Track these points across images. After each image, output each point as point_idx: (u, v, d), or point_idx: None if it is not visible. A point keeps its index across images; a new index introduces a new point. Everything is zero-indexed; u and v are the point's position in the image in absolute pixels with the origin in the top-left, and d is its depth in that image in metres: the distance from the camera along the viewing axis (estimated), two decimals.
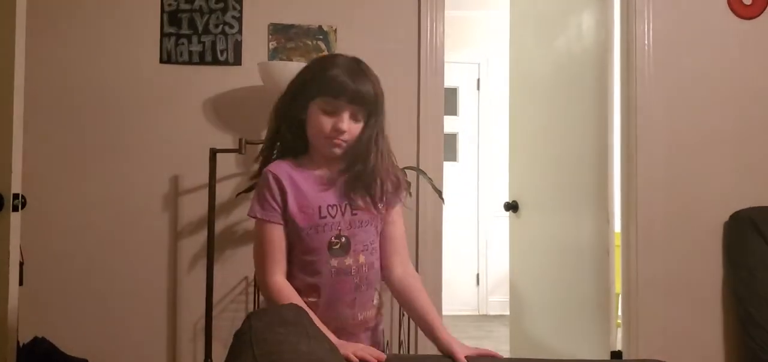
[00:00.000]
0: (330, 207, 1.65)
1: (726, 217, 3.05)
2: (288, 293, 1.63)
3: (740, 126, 3.09)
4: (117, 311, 2.90)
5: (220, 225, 2.92)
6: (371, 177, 1.65)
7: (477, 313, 5.95)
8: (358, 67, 1.64)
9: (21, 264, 2.35)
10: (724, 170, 3.07)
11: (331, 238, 1.65)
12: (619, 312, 3.19)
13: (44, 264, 2.85)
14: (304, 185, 1.65)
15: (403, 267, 1.73)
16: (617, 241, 3.12)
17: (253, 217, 1.69)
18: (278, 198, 1.64)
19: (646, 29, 3.06)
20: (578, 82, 3.26)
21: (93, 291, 2.89)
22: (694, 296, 3.05)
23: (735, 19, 3.11)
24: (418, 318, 1.70)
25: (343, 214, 1.66)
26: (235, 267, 2.95)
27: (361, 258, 1.68)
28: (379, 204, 1.68)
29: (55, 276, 2.88)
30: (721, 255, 3.06)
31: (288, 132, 1.67)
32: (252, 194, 2.86)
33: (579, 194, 3.23)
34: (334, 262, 1.65)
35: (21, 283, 2.35)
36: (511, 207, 3.70)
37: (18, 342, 2.49)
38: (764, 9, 3.11)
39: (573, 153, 3.28)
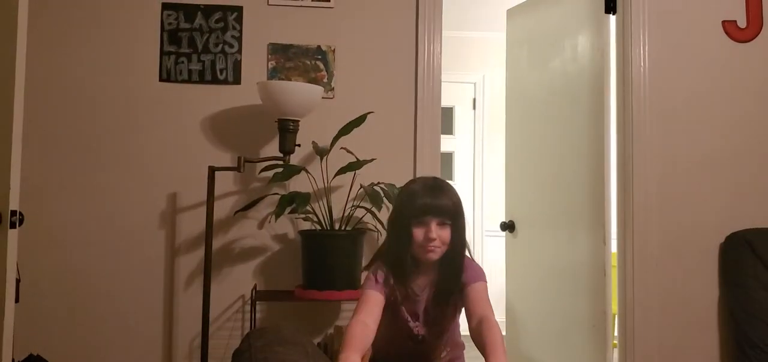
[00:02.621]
0: (413, 315, 1.99)
1: (722, 238, 3.06)
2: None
3: (736, 148, 3.11)
4: (113, 328, 2.89)
5: (217, 243, 2.92)
6: (458, 273, 1.93)
7: None
8: (435, 184, 1.95)
9: (17, 281, 2.34)
10: (720, 191, 3.09)
11: (409, 334, 2.00)
12: (616, 333, 3.19)
13: (40, 281, 2.85)
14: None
15: (477, 322, 1.85)
16: (613, 261, 3.13)
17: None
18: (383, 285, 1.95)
19: (641, 52, 3.08)
20: (574, 103, 3.28)
21: (89, 308, 2.88)
22: (690, 316, 3.05)
23: (730, 42, 3.14)
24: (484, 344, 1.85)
25: (422, 320, 2.00)
26: (232, 286, 2.94)
27: (428, 346, 2.03)
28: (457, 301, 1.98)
29: (52, 294, 2.87)
30: (716, 275, 3.07)
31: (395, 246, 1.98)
32: (250, 212, 2.88)
33: (575, 214, 3.25)
34: (409, 344, 2.02)
35: (17, 300, 2.34)
36: (508, 226, 3.71)
37: (13, 360, 2.47)
38: (759, 32, 3.15)
39: (569, 173, 3.29)
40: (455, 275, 1.93)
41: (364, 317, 1.83)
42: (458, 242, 1.93)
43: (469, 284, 1.93)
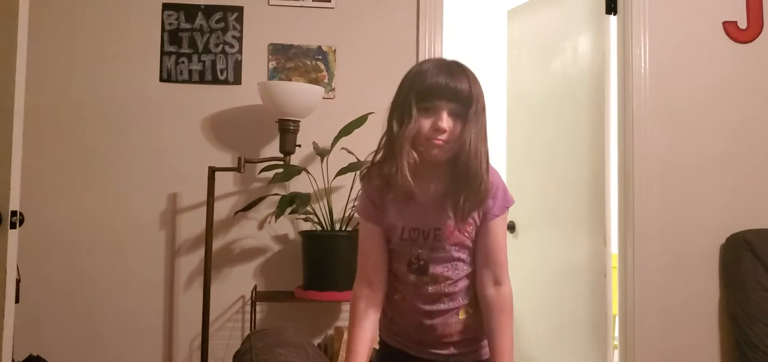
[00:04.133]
0: (412, 231, 1.60)
1: (722, 239, 3.06)
2: (354, 311, 1.62)
3: (736, 149, 3.11)
4: (113, 328, 2.89)
5: (217, 243, 2.91)
6: (474, 183, 1.53)
7: None
8: (452, 63, 1.55)
9: (17, 281, 2.34)
10: (720, 192, 3.09)
11: (410, 259, 1.62)
12: (616, 334, 3.19)
13: (41, 282, 2.84)
14: (391, 206, 1.61)
15: (495, 288, 1.63)
16: (614, 263, 3.13)
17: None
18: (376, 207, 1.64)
19: (642, 53, 3.08)
20: (575, 104, 3.28)
21: (89, 308, 2.88)
22: (691, 317, 3.05)
23: (731, 43, 3.14)
24: (490, 348, 1.64)
25: (425, 238, 1.60)
26: (232, 286, 2.94)
27: (440, 277, 1.61)
28: (475, 217, 1.60)
29: (52, 294, 2.86)
30: (717, 276, 3.07)
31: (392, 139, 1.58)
32: (250, 212, 2.88)
33: (576, 216, 3.24)
34: (411, 278, 1.62)
35: (17, 301, 2.34)
36: (508, 227, 3.70)
37: (13, 360, 2.47)
38: (759, 33, 3.15)
39: (570, 174, 3.29)
40: (473, 182, 1.52)
41: (368, 273, 1.61)
42: (475, 139, 1.50)
43: (489, 218, 1.59)
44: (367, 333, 1.60)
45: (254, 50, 3.00)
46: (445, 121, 1.48)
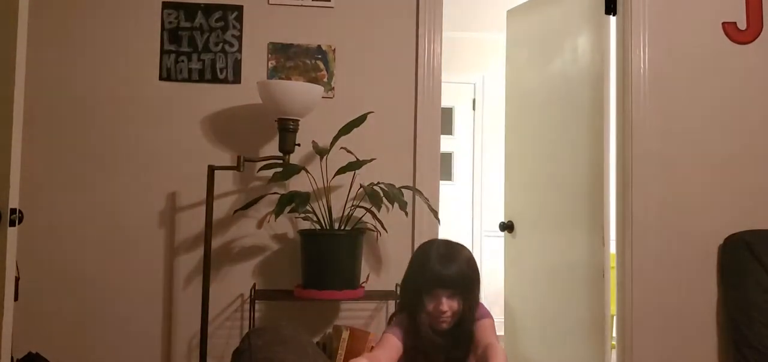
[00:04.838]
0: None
1: (721, 240, 3.06)
2: None
3: (735, 149, 3.11)
4: (112, 327, 2.89)
5: (216, 242, 2.92)
6: (467, 338, 1.90)
7: None
8: (447, 252, 1.90)
9: (16, 279, 2.34)
10: (719, 193, 3.09)
11: None
12: (614, 334, 3.19)
13: (40, 279, 2.85)
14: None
15: (483, 348, 1.85)
16: (612, 263, 3.14)
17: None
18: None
19: (641, 53, 3.09)
20: (574, 104, 3.28)
21: (88, 306, 2.88)
22: (689, 318, 3.05)
23: (730, 43, 3.14)
24: None
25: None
26: (231, 285, 2.94)
27: None
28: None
29: (51, 292, 2.86)
30: (715, 277, 3.08)
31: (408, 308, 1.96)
32: (250, 211, 2.88)
33: (574, 215, 3.25)
34: None
35: (16, 298, 2.34)
36: (507, 227, 3.71)
37: (12, 358, 2.47)
38: (759, 34, 3.15)
39: (569, 174, 3.30)
40: (465, 342, 1.91)
41: (378, 353, 1.84)
42: (468, 313, 1.89)
43: (476, 321, 1.92)
44: None
45: (254, 49, 3.00)
46: (445, 305, 1.85)
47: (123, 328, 2.90)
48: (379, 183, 2.76)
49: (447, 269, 1.87)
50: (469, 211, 6.00)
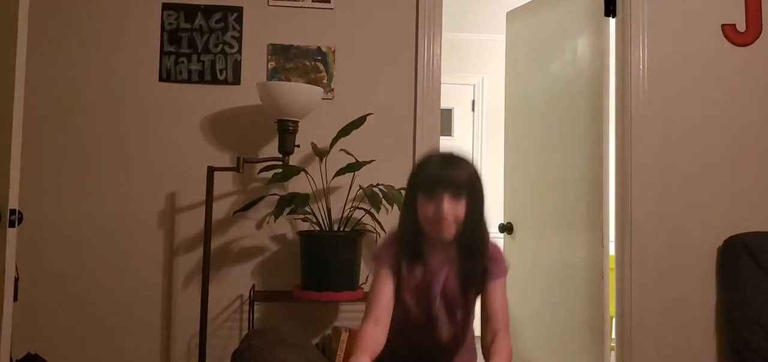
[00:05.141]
0: (420, 294, 1.82)
1: (720, 242, 3.07)
2: (360, 342, 1.73)
3: (734, 151, 3.11)
4: (111, 327, 2.89)
5: (216, 243, 2.92)
6: (480, 255, 1.79)
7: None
8: (451, 156, 1.79)
9: (16, 279, 2.34)
10: (718, 195, 3.09)
11: (415, 313, 1.84)
12: (613, 335, 3.19)
13: (39, 280, 2.85)
14: (405, 271, 1.83)
15: (491, 338, 1.79)
16: (612, 264, 3.14)
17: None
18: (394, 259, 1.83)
19: (640, 55, 3.09)
20: (573, 106, 3.29)
21: (87, 307, 2.88)
22: (688, 320, 3.06)
23: (729, 46, 3.14)
24: None
25: (432, 301, 1.83)
26: (231, 286, 2.94)
27: (441, 328, 1.87)
28: (480, 287, 1.83)
29: (50, 292, 2.86)
30: (714, 279, 3.08)
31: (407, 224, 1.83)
32: (249, 212, 2.88)
33: (574, 217, 3.25)
34: (413, 325, 1.86)
35: (15, 299, 2.34)
36: (506, 228, 3.71)
37: (11, 358, 2.47)
38: (758, 36, 3.15)
39: (568, 176, 3.30)
40: (478, 254, 1.79)
41: (377, 313, 1.75)
42: (476, 217, 1.76)
43: (491, 279, 1.81)
44: (373, 355, 1.74)
45: (254, 50, 3.00)
46: (447, 206, 1.70)
47: (122, 329, 2.90)
48: (378, 184, 2.76)
49: (449, 169, 1.74)
50: None
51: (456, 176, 1.73)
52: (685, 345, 3.04)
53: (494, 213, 5.22)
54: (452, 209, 1.72)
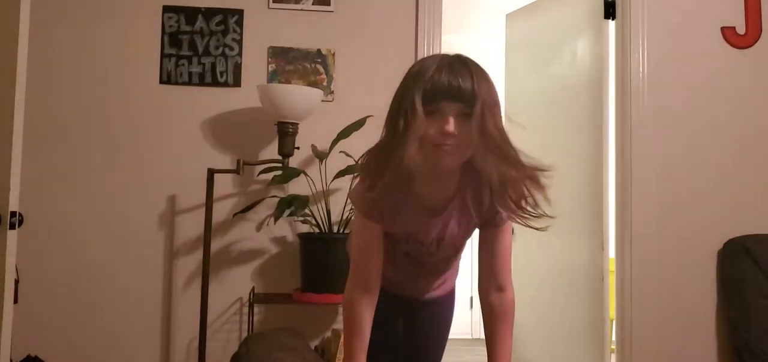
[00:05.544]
0: (413, 239, 1.55)
1: (720, 245, 3.06)
2: (352, 317, 1.52)
3: (734, 154, 3.11)
4: (111, 330, 2.89)
5: (216, 245, 2.92)
6: (501, 191, 1.42)
7: (470, 337, 5.92)
8: (458, 59, 1.40)
9: (16, 282, 2.34)
10: (718, 198, 3.09)
11: (406, 255, 1.60)
12: (613, 338, 3.19)
13: (39, 282, 2.85)
14: (391, 211, 1.48)
15: (498, 295, 1.56)
16: (611, 267, 3.14)
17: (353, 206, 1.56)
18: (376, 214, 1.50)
19: (640, 58, 3.09)
20: (573, 108, 3.29)
21: (87, 310, 2.88)
22: (688, 323, 3.05)
23: (729, 48, 3.14)
24: (488, 353, 1.57)
25: (426, 246, 1.56)
26: (230, 288, 2.94)
27: (434, 269, 1.68)
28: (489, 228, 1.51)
29: (50, 295, 2.87)
30: (715, 282, 3.08)
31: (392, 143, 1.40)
32: (249, 215, 2.88)
33: (574, 220, 3.25)
34: (404, 268, 1.63)
35: (15, 301, 2.34)
36: None
37: (11, 361, 2.47)
38: (758, 39, 3.15)
39: (568, 179, 3.30)
40: (498, 191, 1.38)
41: (365, 279, 1.48)
42: (496, 140, 1.37)
43: (499, 222, 1.49)
44: (366, 339, 1.53)
45: (254, 53, 3.01)
46: (452, 125, 1.31)
47: (122, 331, 2.90)
48: None
49: (457, 77, 1.32)
50: None
51: (466, 85, 1.32)
52: (685, 348, 3.04)
53: None
54: (461, 128, 1.32)
